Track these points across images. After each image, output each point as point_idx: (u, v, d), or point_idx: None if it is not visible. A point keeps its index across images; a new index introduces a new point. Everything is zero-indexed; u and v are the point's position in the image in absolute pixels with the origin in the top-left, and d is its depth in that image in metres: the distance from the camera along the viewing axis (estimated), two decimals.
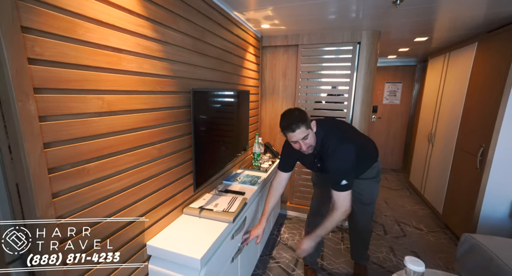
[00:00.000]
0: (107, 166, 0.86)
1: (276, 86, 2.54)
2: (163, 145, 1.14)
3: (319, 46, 2.28)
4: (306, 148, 1.22)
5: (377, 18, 1.84)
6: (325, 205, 1.72)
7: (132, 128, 0.95)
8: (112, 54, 0.84)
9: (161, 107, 1.10)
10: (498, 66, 1.87)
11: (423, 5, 1.56)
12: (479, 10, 1.66)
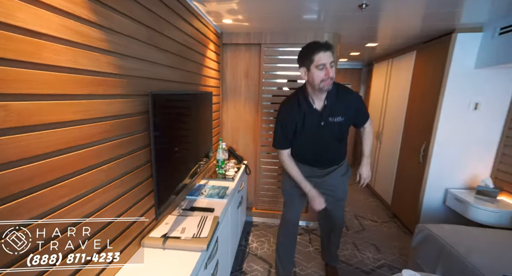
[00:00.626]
0: (21, 210, 0.57)
1: (238, 87, 2.38)
2: (112, 166, 0.86)
3: (283, 46, 2.21)
4: (332, 76, 1.19)
5: (338, 21, 1.87)
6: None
7: (63, 148, 0.67)
8: (26, 39, 0.56)
9: (107, 115, 0.83)
10: (433, 73, 2.13)
11: (375, 12, 1.62)
12: (416, 23, 1.85)
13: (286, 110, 1.38)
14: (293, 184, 1.53)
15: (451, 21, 1.80)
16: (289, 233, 1.70)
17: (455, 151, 2.11)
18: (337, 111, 1.33)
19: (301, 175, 1.45)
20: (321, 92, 1.27)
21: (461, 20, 1.78)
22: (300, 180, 1.44)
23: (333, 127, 1.37)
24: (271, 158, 2.48)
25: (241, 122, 2.45)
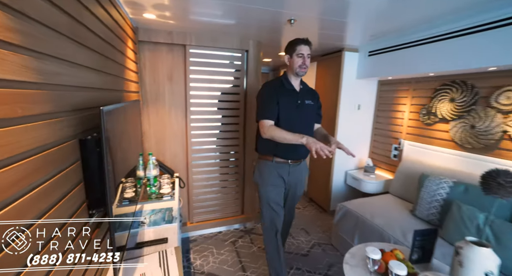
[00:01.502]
0: None
1: (160, 92, 2.09)
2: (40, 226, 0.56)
3: (210, 49, 2.13)
4: (306, 64, 1.46)
5: (262, 31, 2.00)
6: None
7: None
8: None
9: (32, 148, 0.53)
10: (331, 81, 2.68)
11: (293, 27, 1.87)
12: (316, 40, 2.25)
13: (269, 86, 1.55)
14: (276, 184, 1.58)
15: (340, 41, 2.32)
16: (277, 239, 1.63)
17: (350, 141, 2.74)
18: (308, 96, 1.62)
19: (290, 132, 1.38)
20: (297, 76, 1.53)
21: (346, 42, 2.32)
22: (292, 135, 1.35)
23: (307, 109, 1.59)
24: (205, 167, 2.36)
25: (167, 132, 2.17)
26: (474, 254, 0.89)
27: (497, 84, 1.71)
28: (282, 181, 1.60)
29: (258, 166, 1.64)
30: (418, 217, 1.83)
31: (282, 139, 1.38)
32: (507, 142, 1.67)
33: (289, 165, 1.57)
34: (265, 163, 1.59)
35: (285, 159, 1.56)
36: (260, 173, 1.62)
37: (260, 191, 1.62)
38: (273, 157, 1.56)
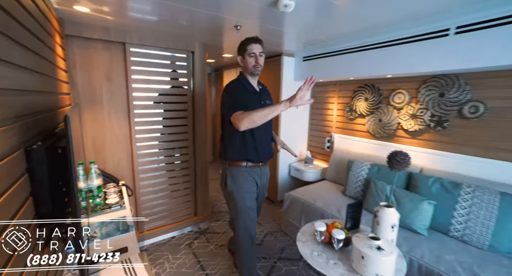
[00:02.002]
0: None
1: (97, 93, 1.89)
2: None
3: (154, 49, 2.05)
4: (260, 63, 1.46)
5: (208, 34, 2.05)
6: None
7: None
8: None
9: None
10: (273, 82, 2.93)
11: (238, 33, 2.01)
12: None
13: (234, 85, 1.52)
14: (250, 190, 1.56)
15: (279, 47, 2.58)
16: (252, 244, 1.63)
17: (291, 136, 3.06)
18: (267, 96, 1.65)
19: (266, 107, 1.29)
20: (253, 76, 1.53)
21: (284, 47, 2.60)
22: (271, 109, 1.25)
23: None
24: (154, 171, 2.25)
25: (107, 137, 1.98)
26: (385, 214, 1.21)
27: (393, 87, 2.24)
28: (256, 185, 1.60)
29: (231, 174, 1.55)
30: (348, 196, 2.23)
31: (264, 117, 1.25)
32: (400, 131, 2.22)
33: (260, 168, 1.58)
34: (238, 169, 1.54)
35: (257, 163, 1.56)
36: (234, 181, 1.54)
37: (236, 199, 1.54)
38: (246, 162, 1.53)
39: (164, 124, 2.23)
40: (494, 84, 1.67)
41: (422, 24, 1.69)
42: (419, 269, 1.39)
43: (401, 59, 1.88)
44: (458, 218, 1.56)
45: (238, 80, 1.56)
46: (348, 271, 1.12)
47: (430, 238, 1.58)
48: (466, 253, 1.42)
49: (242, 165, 1.53)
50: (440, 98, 1.92)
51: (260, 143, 1.52)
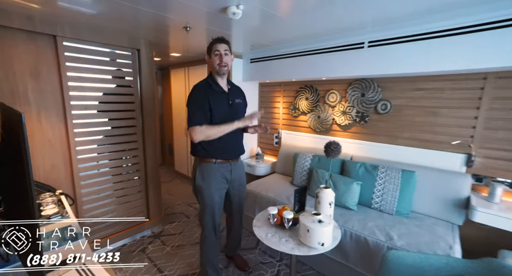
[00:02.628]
0: None
1: (20, 91, 1.64)
2: None
3: (95, 45, 1.89)
4: (224, 61, 1.50)
5: (154, 32, 2.01)
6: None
7: None
8: None
9: None
10: None
11: (188, 34, 2.05)
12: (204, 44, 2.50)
13: (198, 88, 1.54)
14: (219, 187, 1.61)
15: None
16: (217, 238, 1.71)
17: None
18: (237, 94, 1.68)
19: (220, 124, 1.48)
20: (219, 75, 1.55)
21: (232, 49, 2.72)
22: (225, 126, 1.45)
23: (238, 108, 1.65)
24: (99, 177, 2.08)
25: (36, 141, 1.74)
26: (324, 194, 1.46)
27: (327, 88, 2.62)
28: (226, 181, 1.65)
29: (200, 170, 1.59)
30: (295, 185, 2.51)
31: (219, 133, 1.42)
32: (335, 125, 2.62)
33: (230, 164, 1.63)
34: (207, 165, 1.58)
35: (226, 159, 1.61)
36: (202, 177, 1.58)
37: (204, 194, 1.59)
38: (215, 159, 1.57)
39: (110, 125, 2.08)
40: (396, 87, 2.15)
41: (344, 36, 2.05)
42: (351, 236, 1.71)
43: (329, 64, 2.23)
44: (377, 193, 1.97)
45: (206, 81, 1.58)
46: (297, 245, 1.32)
47: (358, 212, 1.95)
48: (381, 219, 1.82)
49: (211, 161, 1.58)
50: (362, 98, 2.35)
51: (227, 142, 1.56)
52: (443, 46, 1.65)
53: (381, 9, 1.46)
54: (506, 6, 1.39)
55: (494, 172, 1.77)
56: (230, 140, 1.58)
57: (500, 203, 1.65)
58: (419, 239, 1.58)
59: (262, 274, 1.93)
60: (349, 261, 1.73)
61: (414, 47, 1.77)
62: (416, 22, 1.67)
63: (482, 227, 1.74)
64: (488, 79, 1.72)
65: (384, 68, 1.93)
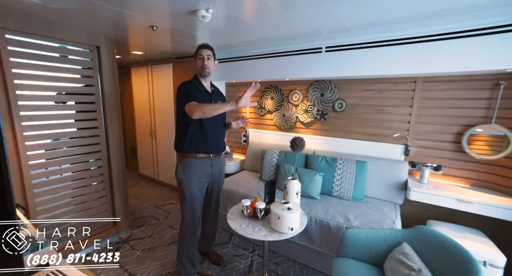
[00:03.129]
0: None
1: None
2: None
3: (45, 40, 1.74)
4: (205, 64, 1.66)
5: (115, 29, 1.94)
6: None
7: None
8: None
9: None
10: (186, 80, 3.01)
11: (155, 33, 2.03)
12: (169, 44, 2.49)
13: (187, 85, 1.66)
14: (199, 181, 1.70)
15: (193, 48, 2.67)
16: (195, 230, 1.77)
17: None
18: (219, 96, 1.82)
19: (215, 103, 1.55)
20: (203, 76, 1.71)
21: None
22: (219, 105, 1.44)
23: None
24: (56, 183, 1.92)
25: None
26: (291, 184, 1.62)
27: (291, 88, 2.82)
28: (206, 176, 1.74)
29: (181, 164, 1.69)
30: (264, 180, 2.65)
31: (214, 110, 1.42)
32: (298, 123, 2.84)
33: (211, 159, 1.73)
34: (189, 160, 1.68)
35: (208, 154, 1.71)
36: (183, 170, 1.68)
37: (184, 187, 1.68)
38: (196, 153, 1.67)
39: (68, 127, 1.94)
40: (350, 88, 2.44)
41: (305, 42, 2.26)
42: (315, 222, 1.92)
43: (292, 67, 2.43)
44: (336, 182, 2.23)
45: (191, 81, 1.72)
46: (269, 232, 1.45)
47: (321, 200, 2.17)
48: (341, 205, 2.07)
49: (193, 156, 1.67)
50: (321, 97, 2.61)
51: (210, 136, 1.67)
52: (383, 53, 1.95)
53: (333, 19, 1.67)
54: (428, 24, 1.71)
55: (423, 159, 2.16)
56: (213, 135, 1.69)
57: (428, 183, 2.02)
58: (370, 218, 1.85)
59: (236, 265, 2.03)
60: (314, 244, 1.93)
61: (363, 54, 2.04)
62: (364, 32, 1.94)
63: (416, 204, 2.11)
64: (417, 82, 2.09)
65: (338, 71, 2.18)
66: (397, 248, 1.42)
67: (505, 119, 1.81)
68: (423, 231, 1.40)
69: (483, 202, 1.70)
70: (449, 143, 2.03)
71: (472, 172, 1.98)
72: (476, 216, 1.84)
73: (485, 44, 1.61)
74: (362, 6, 1.44)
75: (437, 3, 1.38)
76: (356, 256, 1.52)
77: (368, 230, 1.52)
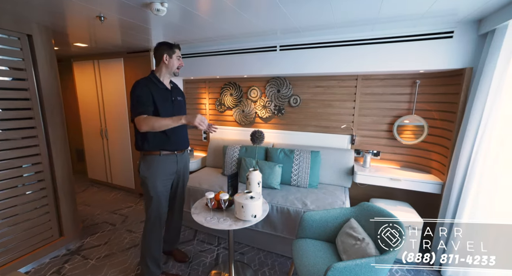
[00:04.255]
0: None
1: None
2: None
3: None
4: (183, 64, 1.70)
5: (53, 17, 1.74)
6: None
7: None
8: None
9: None
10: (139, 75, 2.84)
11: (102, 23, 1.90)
12: (120, 37, 2.34)
13: (141, 84, 1.56)
14: (164, 178, 1.65)
15: (148, 42, 2.56)
16: (160, 229, 1.72)
17: None
18: (178, 93, 1.78)
19: (168, 118, 1.49)
20: (171, 75, 1.69)
21: (152, 44, 2.62)
22: (171, 120, 1.47)
23: (180, 105, 1.74)
24: None
25: None
26: (253, 175, 1.71)
27: (249, 85, 2.91)
28: (171, 173, 1.70)
29: (145, 162, 1.63)
30: (226, 175, 2.70)
31: (164, 126, 1.46)
32: (258, 118, 2.95)
33: (176, 155, 1.70)
34: (152, 158, 1.62)
35: (172, 151, 1.67)
36: (147, 168, 1.62)
37: (148, 185, 1.61)
38: (160, 151, 1.62)
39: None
40: (303, 85, 2.64)
41: (261, 40, 2.37)
42: (277, 209, 2.05)
43: (249, 64, 2.52)
44: (294, 172, 2.40)
45: (149, 79, 1.63)
46: (234, 221, 1.51)
47: (281, 189, 2.32)
48: (299, 192, 2.25)
49: (156, 153, 1.63)
50: (278, 93, 2.76)
51: (172, 134, 1.63)
52: (330, 53, 2.18)
53: (285, 20, 1.80)
54: (363, 30, 1.98)
55: (366, 146, 2.48)
56: (175, 133, 1.65)
57: (370, 167, 2.35)
58: (324, 201, 2.06)
59: (202, 260, 2.04)
60: (277, 231, 2.07)
61: (313, 53, 2.24)
62: (314, 33, 2.13)
63: (361, 186, 2.43)
64: (358, 80, 2.39)
65: (292, 69, 2.35)
66: (346, 224, 1.63)
67: (421, 111, 2.21)
68: (366, 207, 1.64)
69: (408, 179, 2.06)
70: (384, 131, 2.38)
71: (401, 155, 2.37)
72: (405, 191, 2.22)
73: (404, 49, 1.94)
74: (309, 10, 1.59)
75: (364, 13, 1.62)
76: (313, 235, 1.69)
77: (322, 211, 1.71)
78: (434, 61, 1.88)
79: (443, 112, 2.07)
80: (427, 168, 2.22)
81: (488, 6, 1.46)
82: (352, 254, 1.40)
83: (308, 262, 1.44)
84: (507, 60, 1.45)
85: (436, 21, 1.76)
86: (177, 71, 1.69)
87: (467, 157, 1.68)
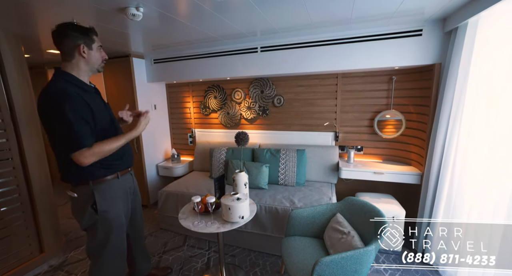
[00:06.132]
0: None
1: None
2: None
3: None
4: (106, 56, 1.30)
5: (20, 23, 1.66)
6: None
7: None
8: None
9: None
10: (124, 83, 2.77)
11: None
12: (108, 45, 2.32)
13: (71, 96, 1.11)
14: (124, 206, 1.39)
15: (127, 48, 2.51)
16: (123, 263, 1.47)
17: (154, 137, 3.08)
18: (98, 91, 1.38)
19: (113, 138, 1.24)
20: (93, 73, 1.28)
21: (132, 49, 2.57)
22: (122, 137, 1.25)
23: (109, 108, 1.41)
24: None
25: None
26: (239, 177, 1.71)
27: (233, 87, 2.91)
28: (130, 193, 1.46)
29: (101, 192, 1.27)
30: (213, 178, 2.68)
31: (114, 149, 1.21)
32: (243, 120, 2.96)
33: (130, 173, 1.48)
34: (110, 183, 1.31)
35: (127, 169, 1.43)
36: (106, 199, 1.28)
37: (111, 219, 1.29)
38: (117, 173, 1.34)
39: None
40: (286, 85, 2.68)
41: (242, 42, 2.38)
42: (265, 209, 2.06)
43: (231, 66, 2.53)
44: (281, 171, 2.43)
45: (70, 83, 1.16)
46: (222, 224, 1.51)
47: (269, 189, 2.34)
48: (286, 191, 2.27)
49: (115, 177, 1.33)
50: (262, 94, 2.78)
51: (124, 147, 1.34)
52: (309, 53, 2.23)
53: (264, 22, 1.82)
54: (339, 30, 2.04)
55: (349, 142, 2.55)
56: (126, 146, 1.40)
57: (354, 162, 2.41)
58: (312, 198, 2.10)
59: (193, 266, 2.01)
60: (267, 230, 2.08)
61: (293, 53, 2.28)
62: (292, 34, 2.17)
63: (346, 181, 2.49)
64: (338, 78, 2.46)
65: (274, 69, 2.38)
66: (332, 219, 1.67)
67: (398, 105, 2.30)
68: (350, 201, 1.68)
69: (390, 172, 2.14)
70: (366, 127, 2.46)
71: (383, 149, 2.46)
72: (388, 183, 2.30)
73: (380, 47, 2.02)
74: (284, 10, 1.62)
75: (338, 13, 1.67)
76: (301, 232, 1.72)
77: (309, 208, 1.74)
78: (407, 58, 1.97)
79: (418, 106, 2.17)
80: (407, 160, 2.32)
81: (450, 5, 1.55)
82: (339, 248, 1.44)
83: (297, 259, 1.46)
84: (469, 55, 1.55)
85: (406, 20, 1.85)
86: (102, 66, 1.29)
87: (441, 148, 1.78)
